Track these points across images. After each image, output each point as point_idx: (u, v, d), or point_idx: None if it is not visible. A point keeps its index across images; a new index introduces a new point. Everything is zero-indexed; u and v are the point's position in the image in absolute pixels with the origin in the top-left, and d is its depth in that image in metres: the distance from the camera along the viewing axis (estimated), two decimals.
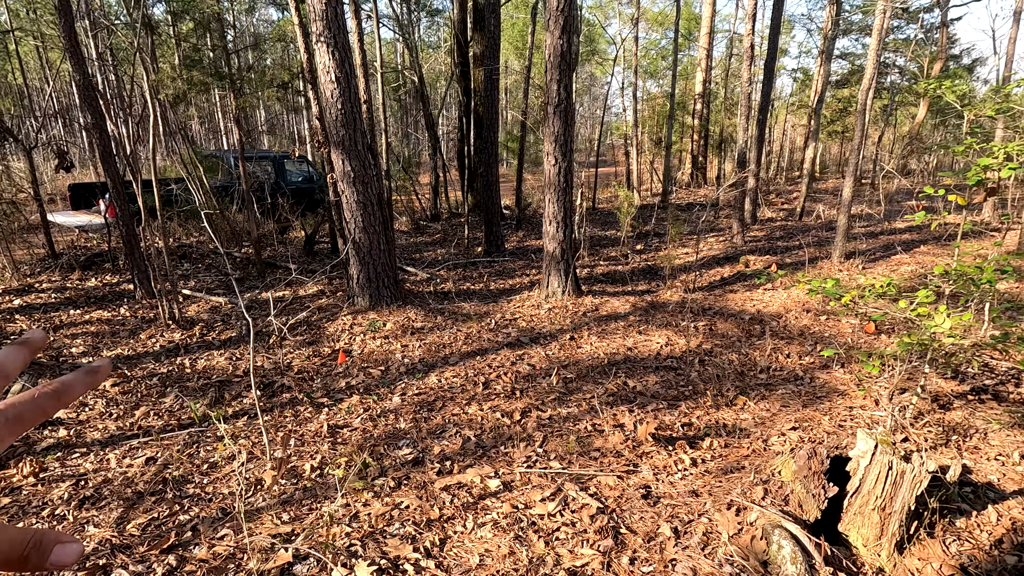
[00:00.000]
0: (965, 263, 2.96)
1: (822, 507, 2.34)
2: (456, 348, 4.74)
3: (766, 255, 8.24)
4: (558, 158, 5.39)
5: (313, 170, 11.33)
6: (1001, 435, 3.25)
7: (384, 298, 5.58)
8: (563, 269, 5.74)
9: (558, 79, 5.18)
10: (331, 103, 5.01)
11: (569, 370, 4.29)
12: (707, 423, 3.42)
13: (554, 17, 5.03)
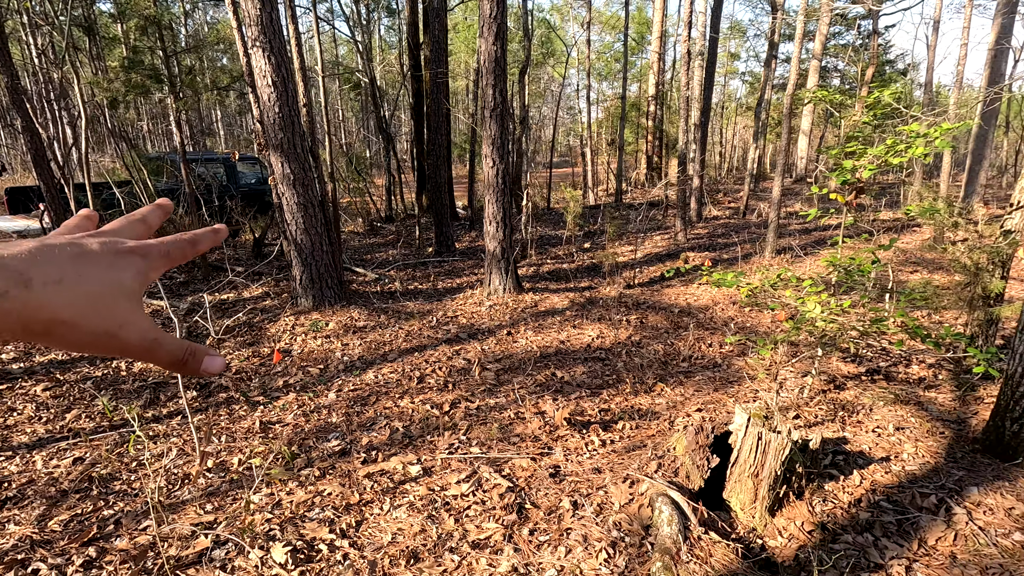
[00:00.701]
0: (845, 256, 3.28)
1: (705, 476, 2.59)
2: (396, 345, 4.88)
3: (705, 252, 8.63)
4: (495, 160, 5.58)
5: (266, 172, 11.26)
6: (884, 410, 3.58)
7: (327, 298, 5.67)
8: (504, 268, 5.93)
9: (493, 84, 5.36)
10: (268, 107, 5.08)
11: (503, 363, 4.48)
12: (624, 408, 3.66)
13: (487, 24, 5.22)
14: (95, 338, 0.34)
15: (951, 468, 2.90)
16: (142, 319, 0.36)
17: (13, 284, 0.30)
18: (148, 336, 0.36)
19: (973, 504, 2.57)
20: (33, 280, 0.31)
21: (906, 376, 4.10)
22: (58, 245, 0.34)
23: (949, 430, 3.33)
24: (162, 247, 0.39)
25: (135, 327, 0.35)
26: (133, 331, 0.35)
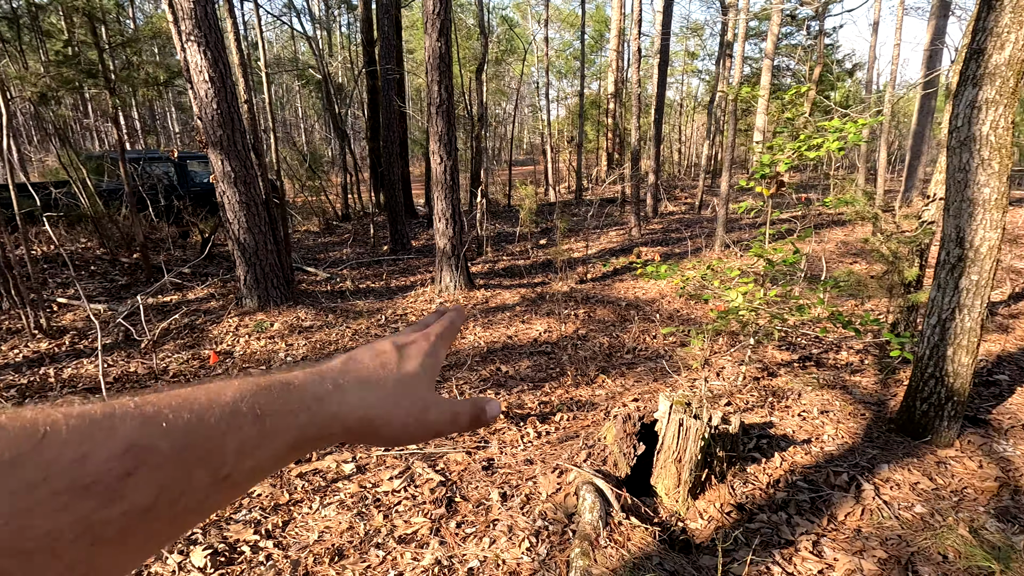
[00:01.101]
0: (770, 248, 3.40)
1: (631, 463, 2.65)
2: (342, 345, 4.83)
3: (658, 246, 8.80)
4: (443, 156, 5.57)
5: None
6: (812, 395, 3.73)
7: (273, 298, 5.56)
8: (454, 264, 5.93)
9: (438, 80, 5.35)
10: (206, 103, 4.94)
11: (448, 359, 4.48)
12: (564, 400, 3.71)
13: (431, 20, 5.20)
14: (406, 428, 0.37)
15: (866, 447, 3.05)
16: (439, 398, 0.40)
17: (330, 391, 0.34)
18: (449, 411, 0.40)
19: (882, 480, 2.71)
20: (345, 385, 0.35)
21: (835, 362, 4.28)
22: (360, 351, 0.40)
23: (869, 412, 3.50)
24: (438, 330, 0.45)
25: (436, 408, 0.39)
26: (436, 412, 0.39)
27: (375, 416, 0.36)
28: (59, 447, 0.23)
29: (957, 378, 2.99)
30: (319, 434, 0.33)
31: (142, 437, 0.26)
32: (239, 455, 0.29)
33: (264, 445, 0.30)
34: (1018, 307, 5.69)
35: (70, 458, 0.23)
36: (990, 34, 2.60)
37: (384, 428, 0.36)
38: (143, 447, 0.25)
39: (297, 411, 0.32)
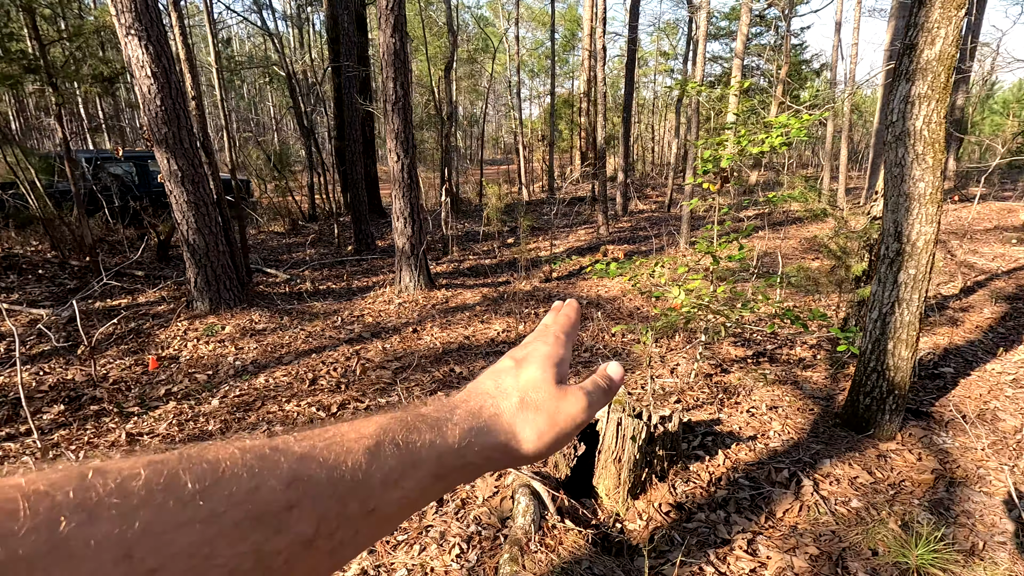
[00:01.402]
0: (713, 246, 3.38)
1: (571, 465, 2.61)
2: (294, 347, 4.70)
3: (625, 244, 8.81)
4: (400, 155, 5.47)
5: None
6: (762, 391, 3.74)
7: (226, 301, 5.40)
8: (414, 264, 5.84)
9: (394, 77, 5.25)
10: (149, 99, 4.77)
11: (403, 361, 4.40)
12: None
13: (384, 16, 5.10)
14: (541, 439, 0.38)
15: (811, 442, 3.05)
16: (566, 394, 0.40)
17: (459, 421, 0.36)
18: (579, 402, 0.41)
19: (823, 476, 2.71)
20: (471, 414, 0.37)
21: (788, 358, 4.30)
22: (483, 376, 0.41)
23: (818, 406, 3.51)
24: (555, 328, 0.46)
25: (566, 406, 0.40)
26: (566, 411, 0.40)
27: (506, 440, 0.37)
28: (236, 480, 0.25)
29: (898, 372, 3.01)
30: (458, 463, 0.34)
31: (302, 470, 0.27)
32: (384, 486, 0.30)
33: (407, 475, 0.31)
34: (968, 300, 5.81)
35: (245, 490, 0.25)
36: (921, 29, 2.62)
37: (519, 448, 0.37)
38: (304, 479, 0.27)
39: (433, 441, 0.33)
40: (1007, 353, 4.40)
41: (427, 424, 0.34)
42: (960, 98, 17.62)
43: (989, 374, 3.99)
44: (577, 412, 0.40)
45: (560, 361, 0.42)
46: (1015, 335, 4.90)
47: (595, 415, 0.44)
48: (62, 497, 0.21)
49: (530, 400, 0.39)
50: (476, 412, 0.37)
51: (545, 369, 0.41)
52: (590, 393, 0.42)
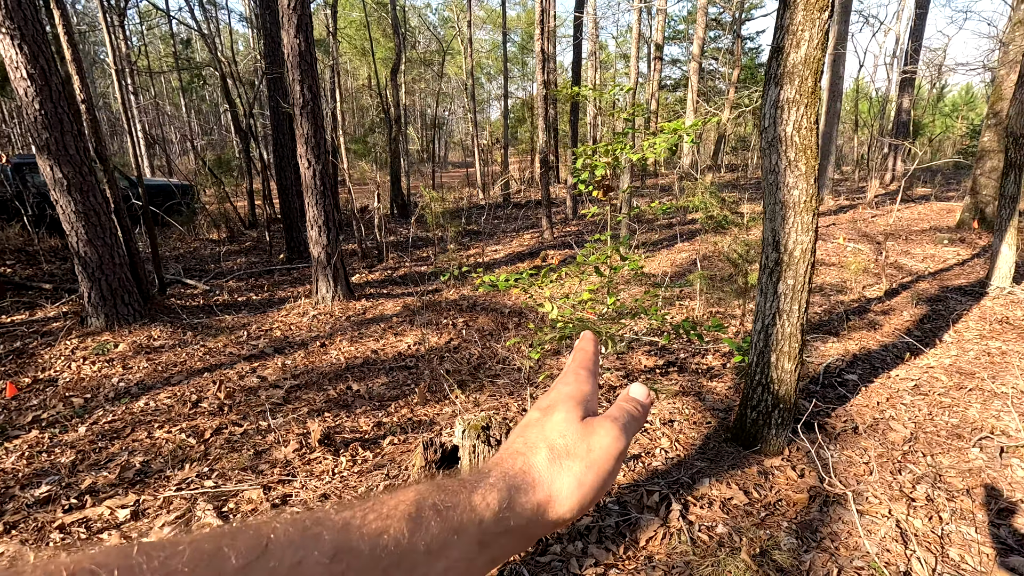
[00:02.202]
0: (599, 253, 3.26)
1: None
2: (189, 365, 4.43)
3: (566, 249, 8.70)
4: (311, 161, 5.24)
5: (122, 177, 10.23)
6: (664, 403, 3.62)
7: (124, 316, 5.09)
8: (331, 274, 5.60)
9: (300, 79, 5.02)
10: (27, 103, 4.45)
11: (300, 379, 4.17)
12: (403, 421, 3.47)
13: (287, 15, 4.87)
14: (580, 489, 0.36)
15: (696, 460, 2.94)
16: (593, 433, 0.39)
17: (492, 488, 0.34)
18: (608, 439, 0.39)
19: (696, 498, 2.59)
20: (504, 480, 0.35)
21: (698, 367, 4.21)
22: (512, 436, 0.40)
23: (716, 419, 3.41)
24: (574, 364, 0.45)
25: (596, 447, 0.38)
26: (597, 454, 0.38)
27: (545, 497, 0.35)
28: (280, 553, 0.26)
29: (782, 385, 2.91)
30: (500, 528, 0.33)
31: (345, 542, 0.27)
32: (428, 555, 0.29)
33: (451, 544, 0.31)
34: (891, 303, 5.84)
35: (289, 563, 0.25)
36: (787, 32, 2.53)
37: (560, 505, 0.36)
38: (348, 551, 0.27)
39: (472, 505, 0.32)
40: (915, 358, 4.39)
41: (464, 487, 0.33)
42: (906, 101, 18.11)
43: (893, 380, 3.95)
44: (611, 443, 0.39)
45: (585, 398, 0.41)
46: (929, 338, 4.91)
47: (631, 441, 0.43)
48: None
49: (559, 447, 0.38)
50: (509, 472, 0.36)
51: (569, 410, 0.40)
52: (618, 419, 0.40)
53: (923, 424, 3.32)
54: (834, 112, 13.28)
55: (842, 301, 5.91)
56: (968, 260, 7.61)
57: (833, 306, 5.74)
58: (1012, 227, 5.89)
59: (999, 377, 4.04)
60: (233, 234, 10.34)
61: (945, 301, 5.92)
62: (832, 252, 8.29)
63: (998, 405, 3.58)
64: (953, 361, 4.40)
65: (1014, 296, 5.89)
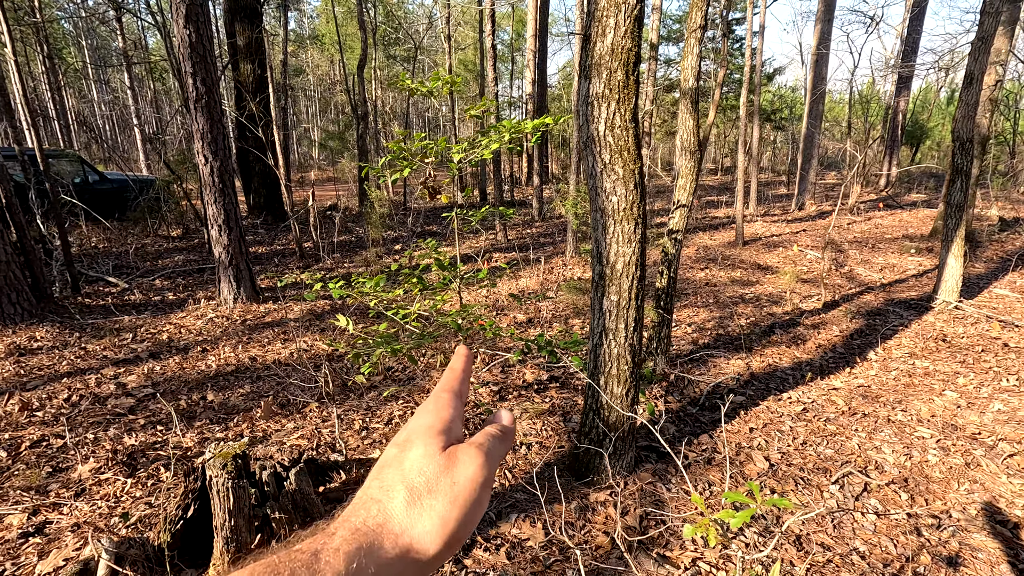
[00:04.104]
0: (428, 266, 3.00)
1: (174, 530, 2.19)
2: (56, 369, 4.23)
3: (515, 252, 8.43)
4: (208, 157, 5.03)
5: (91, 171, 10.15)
6: (525, 423, 3.36)
7: (9, 315, 4.91)
8: (233, 275, 5.39)
9: (192, 72, 4.81)
10: None
11: (163, 386, 3.95)
12: (232, 436, 3.23)
13: (176, 5, 4.65)
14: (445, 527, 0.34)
15: (517, 492, 2.67)
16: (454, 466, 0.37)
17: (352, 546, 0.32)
18: (480, 454, 0.37)
19: (488, 538, 2.32)
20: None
21: (578, 383, 3.93)
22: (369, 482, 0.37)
23: (569, 443, 3.14)
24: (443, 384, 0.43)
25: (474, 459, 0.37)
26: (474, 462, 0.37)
27: (405, 546, 0.33)
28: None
29: (612, 411, 2.64)
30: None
31: None
32: None
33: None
34: (826, 316, 5.51)
35: None
36: (593, 18, 2.25)
37: (424, 550, 0.33)
38: None
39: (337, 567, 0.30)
40: (820, 379, 4.08)
41: (301, 563, 0.30)
42: (903, 103, 17.58)
43: (783, 404, 3.65)
44: (475, 472, 0.36)
45: (447, 426, 0.39)
46: (850, 356, 4.59)
47: (497, 467, 0.38)
48: None
49: (419, 487, 0.35)
50: (361, 528, 0.33)
51: (428, 443, 0.37)
52: (483, 445, 0.38)
53: (790, 455, 3.02)
54: (816, 113, 12.84)
55: (774, 313, 5.59)
56: (929, 271, 7.23)
57: (762, 318, 5.43)
58: (958, 238, 5.54)
59: (906, 402, 3.73)
60: (188, 231, 10.19)
61: (886, 315, 5.58)
62: (788, 260, 7.94)
63: (887, 434, 3.27)
64: (866, 382, 4.08)
65: (959, 311, 5.54)
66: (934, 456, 3.04)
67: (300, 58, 24.45)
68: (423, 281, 2.92)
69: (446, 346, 4.42)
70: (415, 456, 0.36)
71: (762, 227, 10.83)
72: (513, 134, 2.82)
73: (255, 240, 9.51)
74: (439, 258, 3.03)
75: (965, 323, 5.26)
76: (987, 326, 5.14)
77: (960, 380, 4.06)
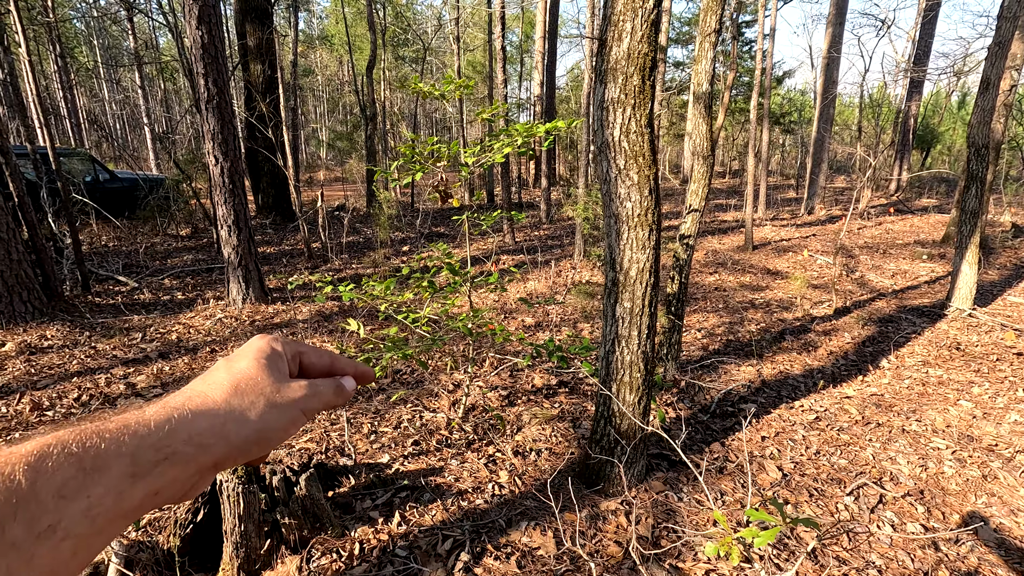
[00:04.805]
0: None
1: (183, 533, 2.18)
2: (66, 368, 4.25)
3: (523, 254, 8.41)
4: (219, 157, 5.04)
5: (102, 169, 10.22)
6: (534, 429, 3.33)
7: (21, 314, 4.94)
8: (242, 276, 5.40)
9: (204, 72, 4.82)
10: None
11: (169, 387, 3.95)
12: None
13: (188, 6, 4.67)
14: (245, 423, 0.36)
15: (527, 499, 2.65)
16: (297, 381, 0.41)
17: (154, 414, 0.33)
18: (307, 386, 0.41)
19: (498, 546, 2.30)
20: (168, 407, 0.35)
21: (588, 389, 3.90)
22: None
23: (579, 450, 3.11)
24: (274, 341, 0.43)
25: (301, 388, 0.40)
26: (301, 390, 0.40)
27: (221, 422, 0.35)
28: None
29: (624, 418, 2.61)
30: (159, 456, 0.32)
31: None
32: (61, 499, 0.28)
33: (92, 482, 0.29)
34: (837, 323, 5.46)
35: None
36: (609, 22, 2.23)
37: (236, 429, 0.35)
38: None
39: (119, 438, 0.31)
40: (832, 387, 4.03)
41: (113, 424, 0.31)
42: (914, 107, 17.43)
43: (795, 412, 3.61)
44: (298, 395, 0.39)
45: (273, 360, 0.41)
46: (863, 363, 4.54)
47: (321, 404, 0.41)
48: None
49: (244, 386, 0.37)
50: (179, 405, 0.35)
51: (257, 360, 0.40)
52: (314, 383, 0.41)
53: (804, 465, 2.99)
54: (827, 117, 12.75)
55: (784, 319, 5.54)
56: (941, 277, 7.16)
57: (773, 324, 5.38)
58: (973, 245, 5.47)
59: (920, 411, 3.68)
60: (196, 230, 10.23)
61: (898, 322, 5.52)
62: (798, 265, 7.88)
63: (901, 444, 3.23)
64: (879, 390, 4.03)
65: (973, 319, 5.47)
66: (950, 468, 2.99)
67: (309, 59, 24.56)
68: (434, 285, 2.90)
69: (454, 349, 4.41)
70: (243, 365, 0.39)
71: (771, 231, 10.77)
72: (526, 137, 2.81)
73: (263, 240, 9.55)
74: (451, 263, 3.01)
75: (979, 331, 5.19)
76: (1002, 334, 5.07)
77: (975, 390, 4.00)
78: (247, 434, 0.36)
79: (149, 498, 0.32)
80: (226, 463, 0.36)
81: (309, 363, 0.44)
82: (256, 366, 0.39)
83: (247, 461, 0.38)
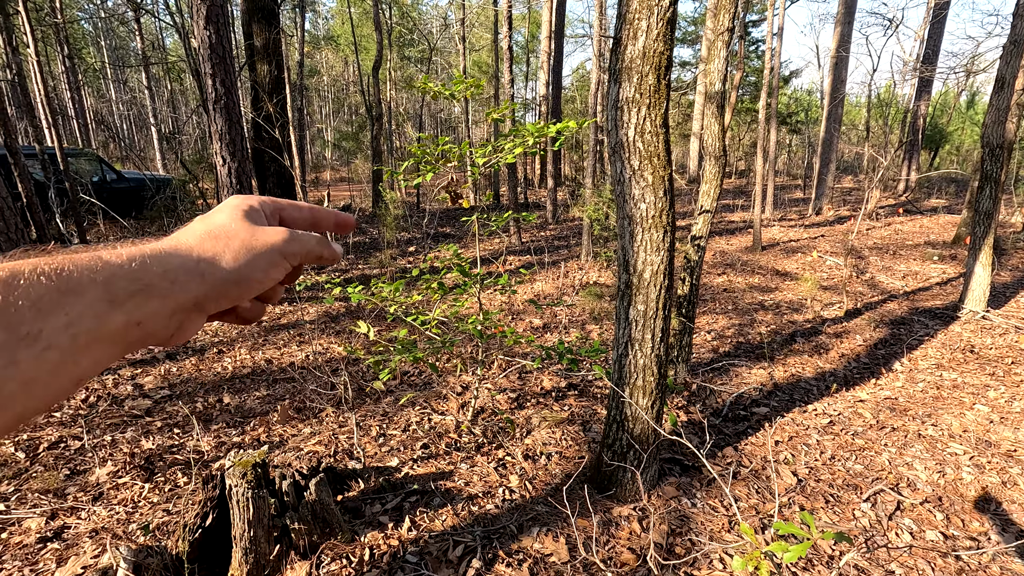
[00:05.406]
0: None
1: (191, 538, 2.16)
2: None
3: (529, 255, 8.37)
4: (226, 157, 5.03)
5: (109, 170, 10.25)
6: (543, 433, 3.30)
7: None
8: None
9: (212, 73, 4.81)
10: None
11: (179, 388, 3.94)
12: (252, 441, 3.21)
13: (196, 7, 4.66)
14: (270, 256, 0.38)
15: (538, 504, 2.61)
16: (275, 227, 0.40)
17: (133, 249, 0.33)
18: (286, 232, 0.40)
19: (510, 552, 2.27)
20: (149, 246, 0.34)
21: (598, 392, 3.86)
22: None
23: (590, 454, 3.07)
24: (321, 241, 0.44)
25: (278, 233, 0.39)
26: (279, 234, 0.39)
27: (196, 261, 0.35)
28: None
29: (637, 423, 2.57)
30: (135, 287, 0.32)
31: None
32: (37, 311, 0.28)
33: (67, 301, 0.29)
34: (848, 325, 5.40)
35: None
36: (624, 21, 2.19)
37: (211, 267, 0.35)
38: None
39: (93, 267, 0.31)
40: (845, 390, 3.98)
41: (86, 255, 0.31)
42: (923, 107, 17.29)
43: (808, 416, 3.56)
44: (277, 239, 0.39)
45: (250, 212, 0.40)
46: (875, 366, 4.48)
47: (303, 249, 0.40)
48: None
49: (220, 232, 0.37)
50: (152, 246, 0.34)
51: (234, 212, 0.39)
52: (295, 231, 0.40)
53: (819, 470, 2.94)
54: (835, 117, 12.65)
55: (795, 321, 5.49)
56: (953, 279, 7.07)
57: (783, 326, 5.33)
58: (987, 246, 5.40)
59: (936, 416, 3.62)
60: None
61: (910, 324, 5.45)
62: (808, 266, 7.81)
63: (918, 450, 3.17)
64: (893, 394, 3.98)
65: (987, 322, 5.40)
66: (968, 474, 2.94)
67: (315, 59, 24.59)
68: (444, 287, 2.88)
69: (462, 351, 4.38)
70: (219, 218, 0.39)
71: (779, 232, 10.69)
72: (537, 138, 2.77)
73: None
74: (461, 264, 2.98)
75: (993, 333, 5.12)
76: (1016, 337, 4.99)
77: (991, 393, 3.94)
78: (223, 275, 0.36)
79: (132, 328, 0.32)
80: (207, 304, 0.35)
81: (291, 218, 0.44)
82: (232, 216, 0.39)
83: (231, 304, 0.37)
